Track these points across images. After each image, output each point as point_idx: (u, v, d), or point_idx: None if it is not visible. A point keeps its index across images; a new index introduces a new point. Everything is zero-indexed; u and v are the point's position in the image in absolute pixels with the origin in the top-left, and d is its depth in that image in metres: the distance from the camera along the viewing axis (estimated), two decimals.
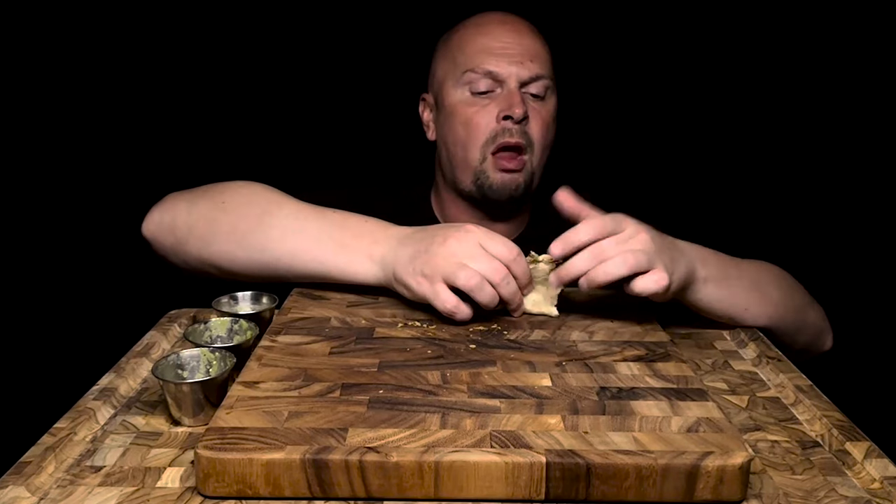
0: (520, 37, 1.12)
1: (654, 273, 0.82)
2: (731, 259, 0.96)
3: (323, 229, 0.93)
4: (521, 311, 0.89)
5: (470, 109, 1.11)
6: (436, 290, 0.85)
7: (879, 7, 1.52)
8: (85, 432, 0.70)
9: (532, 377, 0.73)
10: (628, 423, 0.64)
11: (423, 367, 0.75)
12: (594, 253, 0.83)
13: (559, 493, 0.59)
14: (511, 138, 1.09)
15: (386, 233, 0.92)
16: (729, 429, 0.64)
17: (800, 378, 0.82)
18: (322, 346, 0.80)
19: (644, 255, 0.82)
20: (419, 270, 0.85)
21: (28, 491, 0.60)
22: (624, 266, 0.81)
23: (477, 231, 0.86)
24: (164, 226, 1.00)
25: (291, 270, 0.94)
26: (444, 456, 0.59)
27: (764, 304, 0.96)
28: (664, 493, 0.59)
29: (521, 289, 0.87)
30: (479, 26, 1.14)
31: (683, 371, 0.75)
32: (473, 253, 0.84)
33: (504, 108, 1.09)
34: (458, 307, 0.84)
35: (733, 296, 0.94)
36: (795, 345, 1.02)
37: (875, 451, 0.67)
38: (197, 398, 0.70)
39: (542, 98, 1.12)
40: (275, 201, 0.96)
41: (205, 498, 0.60)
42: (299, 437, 0.61)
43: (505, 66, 1.10)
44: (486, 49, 1.11)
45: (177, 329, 0.95)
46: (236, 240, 0.95)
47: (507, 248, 0.85)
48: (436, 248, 0.85)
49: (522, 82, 1.10)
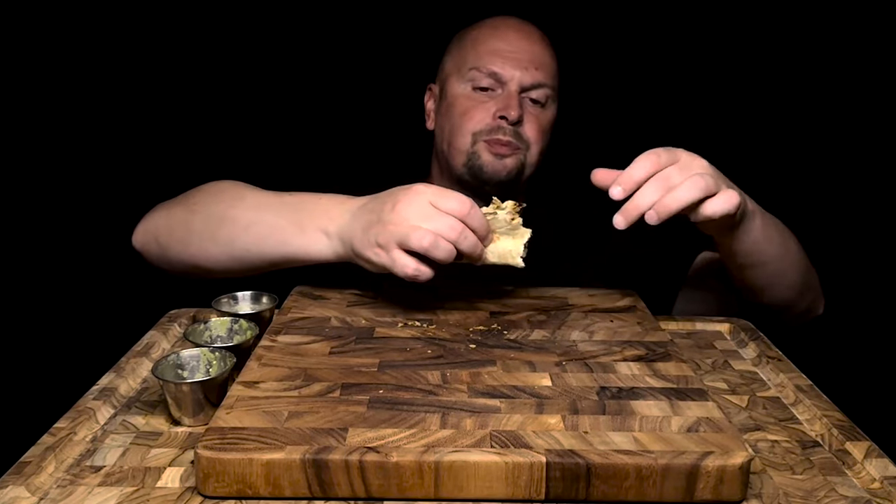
0: (529, 44, 1.16)
1: (724, 193, 0.81)
2: None
3: (281, 213, 0.93)
4: (482, 262, 0.87)
5: (468, 102, 1.15)
6: (392, 257, 0.83)
7: (879, 7, 1.52)
8: (85, 432, 0.70)
9: (532, 377, 0.73)
10: (628, 423, 0.64)
11: (423, 367, 0.75)
12: (661, 181, 0.80)
13: (559, 493, 0.59)
14: (503, 136, 1.13)
15: (340, 208, 0.90)
16: (729, 429, 0.64)
17: (800, 378, 0.82)
18: (322, 346, 0.80)
19: (710, 178, 0.81)
20: (374, 241, 0.84)
21: (28, 491, 0.60)
22: (695, 189, 0.79)
23: (426, 190, 0.83)
24: (149, 235, 1.04)
25: (262, 259, 0.95)
26: (444, 456, 0.59)
27: (789, 254, 0.97)
28: (664, 493, 0.59)
29: (481, 241, 0.85)
30: (495, 28, 1.18)
31: (683, 371, 0.75)
32: (425, 213, 0.82)
33: (501, 107, 1.13)
34: (418, 269, 0.82)
35: (770, 238, 0.93)
36: (801, 305, 1.03)
37: (875, 451, 0.67)
38: (197, 398, 0.70)
39: (541, 105, 1.16)
40: (238, 195, 0.98)
41: (205, 498, 0.60)
42: (299, 437, 0.61)
43: (509, 69, 1.14)
44: (495, 51, 1.15)
45: (177, 329, 0.95)
46: (208, 237, 0.97)
47: (460, 202, 0.82)
48: (387, 216, 0.83)
49: (524, 87, 1.14)
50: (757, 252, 0.93)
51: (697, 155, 0.84)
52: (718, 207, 0.81)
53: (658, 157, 0.82)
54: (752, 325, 0.96)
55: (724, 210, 0.81)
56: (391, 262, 0.83)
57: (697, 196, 0.80)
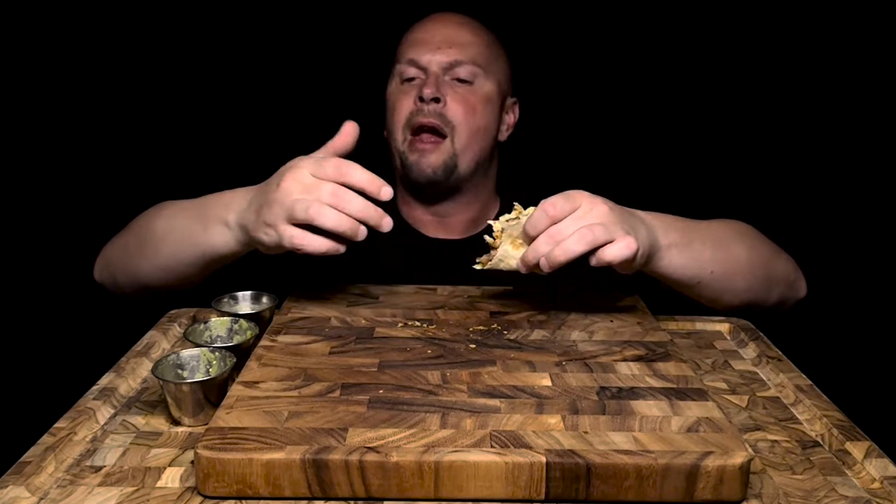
0: (444, 27, 1.17)
1: (620, 240, 0.81)
2: (692, 222, 0.96)
3: (189, 216, 0.95)
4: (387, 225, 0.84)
5: (396, 96, 1.17)
6: (280, 232, 0.83)
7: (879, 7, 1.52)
8: (85, 432, 0.70)
9: (532, 377, 0.73)
10: (628, 423, 0.64)
11: (423, 367, 0.75)
12: (551, 234, 0.82)
13: (559, 493, 0.59)
14: (425, 118, 1.12)
15: (238, 198, 0.91)
16: (729, 429, 0.64)
17: (800, 378, 0.82)
18: (322, 346, 0.80)
19: (602, 227, 0.81)
20: (263, 222, 0.84)
21: (28, 491, 0.60)
22: (582, 242, 0.80)
23: (305, 163, 0.84)
24: (102, 266, 1.08)
25: (185, 264, 0.97)
26: (444, 456, 0.59)
27: (730, 263, 0.95)
28: (664, 493, 0.59)
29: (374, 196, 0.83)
30: (417, 25, 1.20)
31: (683, 371, 0.75)
32: (305, 184, 0.82)
33: (421, 90, 1.13)
34: (304, 237, 0.82)
35: (698, 259, 0.93)
36: (770, 300, 1.02)
37: (875, 451, 0.67)
38: (197, 398, 0.70)
39: (469, 83, 1.15)
40: (161, 208, 1.01)
41: (205, 498, 0.60)
42: (299, 437, 0.61)
43: (425, 54, 1.15)
44: (413, 41, 1.17)
45: (177, 329, 0.95)
46: (139, 254, 1.01)
47: (335, 166, 0.83)
48: (272, 195, 0.83)
49: (444, 67, 1.14)
50: (687, 276, 0.93)
51: (601, 199, 0.84)
52: (612, 255, 0.81)
53: (557, 206, 0.82)
54: (752, 325, 0.96)
55: (619, 257, 0.81)
56: (280, 237, 0.83)
57: (584, 248, 0.80)
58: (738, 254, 0.97)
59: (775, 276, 1.02)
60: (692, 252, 0.92)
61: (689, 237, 0.93)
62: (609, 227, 0.81)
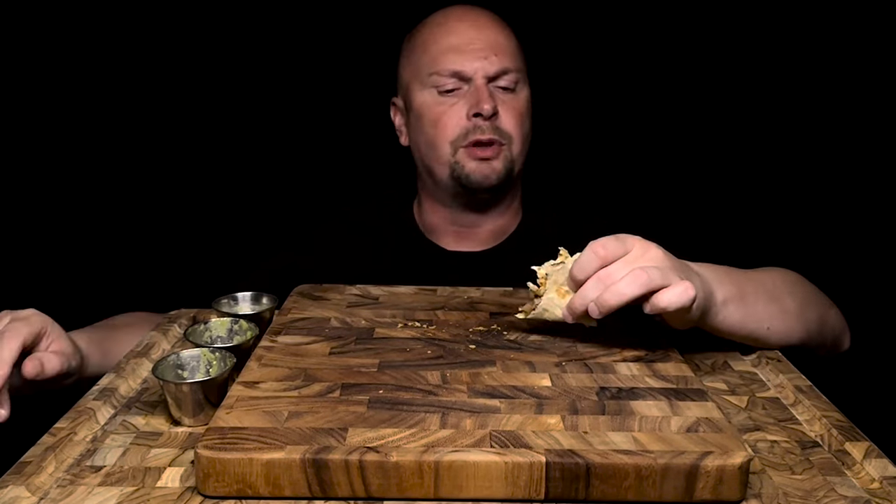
0: (482, 31, 1.09)
1: (677, 286, 0.74)
2: (743, 273, 0.89)
3: None
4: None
5: (438, 109, 1.09)
6: None
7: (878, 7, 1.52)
8: (85, 432, 0.70)
9: (532, 377, 0.73)
10: (628, 423, 0.64)
11: (423, 367, 0.75)
12: (601, 278, 0.76)
13: (559, 493, 0.59)
14: (483, 135, 1.06)
15: None
16: (728, 429, 0.64)
17: (799, 378, 0.82)
18: (322, 347, 0.80)
19: (657, 271, 0.74)
20: None
21: (28, 491, 0.60)
22: (635, 284, 0.74)
23: None
24: None
25: None
26: (444, 456, 0.59)
27: (784, 318, 0.89)
28: (664, 493, 0.59)
29: None
30: (441, 25, 1.11)
31: (683, 371, 0.75)
32: None
33: (472, 105, 1.06)
34: None
35: (754, 314, 0.86)
36: (820, 351, 0.98)
37: (874, 451, 0.67)
38: (197, 398, 0.70)
39: (512, 91, 1.09)
40: None
41: (205, 498, 0.60)
42: (299, 436, 0.61)
43: (470, 64, 1.07)
44: (449, 48, 1.08)
45: (177, 329, 0.95)
46: None
47: None
48: None
49: (489, 77, 1.08)
50: (744, 333, 0.87)
51: (654, 244, 0.78)
52: (668, 300, 0.74)
53: (608, 249, 0.77)
54: None
55: (675, 303, 0.74)
56: None
57: (638, 292, 0.74)
58: (791, 308, 0.91)
59: (825, 331, 0.98)
60: (747, 307, 0.85)
61: (743, 290, 0.86)
62: (665, 272, 0.75)
